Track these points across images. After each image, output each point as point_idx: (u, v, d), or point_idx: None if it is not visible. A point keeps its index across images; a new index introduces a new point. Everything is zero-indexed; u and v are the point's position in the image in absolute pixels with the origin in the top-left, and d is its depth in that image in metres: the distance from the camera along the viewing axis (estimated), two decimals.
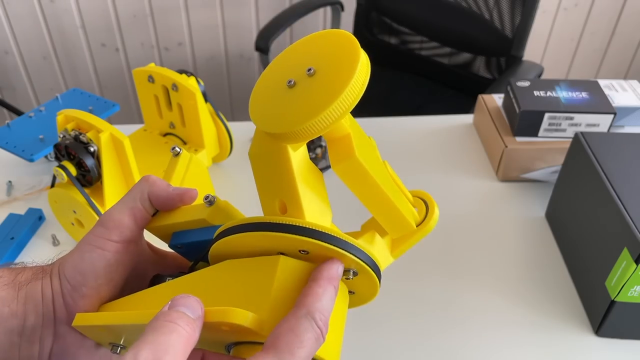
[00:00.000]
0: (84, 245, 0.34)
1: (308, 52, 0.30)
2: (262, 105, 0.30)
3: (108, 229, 0.34)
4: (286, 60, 0.31)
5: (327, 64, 0.29)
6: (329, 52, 0.29)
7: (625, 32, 1.94)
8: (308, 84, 0.29)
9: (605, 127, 0.81)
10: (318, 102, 0.28)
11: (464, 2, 1.41)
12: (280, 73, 0.30)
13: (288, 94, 0.29)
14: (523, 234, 0.76)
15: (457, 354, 0.62)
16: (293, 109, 0.28)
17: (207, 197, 0.35)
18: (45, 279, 0.34)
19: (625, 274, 0.56)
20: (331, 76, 0.28)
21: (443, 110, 1.07)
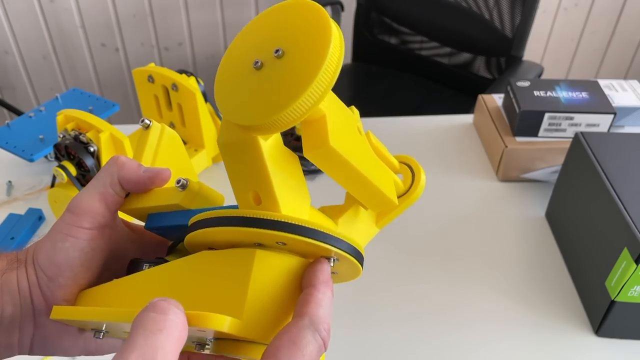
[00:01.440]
0: (55, 233, 0.33)
1: (274, 27, 0.27)
2: (227, 90, 0.28)
3: (78, 215, 0.33)
4: (251, 36, 0.28)
5: (295, 43, 0.26)
6: (296, 27, 0.26)
7: (625, 32, 1.94)
8: (276, 67, 0.26)
9: (605, 127, 0.81)
10: (290, 90, 0.25)
11: (464, 2, 1.41)
12: (245, 51, 0.28)
13: (255, 77, 0.27)
14: (523, 234, 0.76)
15: (456, 354, 0.62)
16: (262, 97, 0.26)
17: (179, 180, 0.33)
18: (20, 268, 0.33)
19: (625, 274, 0.56)
20: (302, 58, 0.26)
21: (443, 110, 1.07)
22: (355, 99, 1.57)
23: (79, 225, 0.32)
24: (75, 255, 0.32)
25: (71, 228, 0.32)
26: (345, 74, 1.64)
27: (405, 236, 0.75)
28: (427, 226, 0.77)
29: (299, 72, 0.25)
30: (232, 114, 0.27)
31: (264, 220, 0.27)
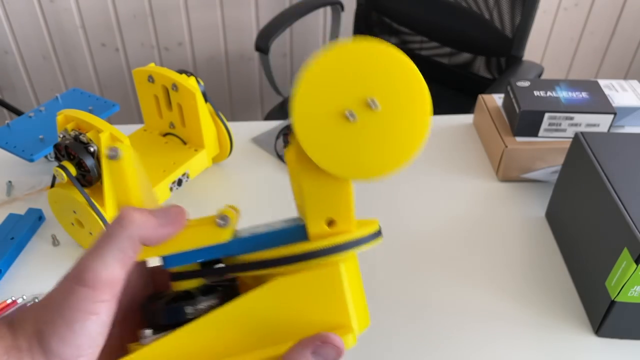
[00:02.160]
0: (71, 313, 0.28)
1: (356, 72, 0.27)
2: (319, 138, 0.28)
3: (98, 289, 0.28)
4: (330, 81, 0.27)
5: (389, 95, 0.27)
6: (384, 76, 0.27)
7: (625, 31, 1.94)
8: (374, 120, 0.27)
9: (606, 127, 0.81)
10: (393, 151, 0.28)
11: (464, 2, 1.41)
12: (329, 96, 0.27)
13: (350, 128, 0.27)
14: (523, 234, 0.76)
15: (456, 354, 0.62)
16: (369, 151, 0.27)
17: (222, 217, 0.31)
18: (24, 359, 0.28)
19: (626, 274, 0.56)
20: (401, 112, 0.27)
21: (443, 110, 1.07)
22: None
23: (100, 300, 0.29)
24: (97, 331, 0.29)
25: (92, 305, 0.28)
26: None
27: (405, 236, 0.75)
28: (426, 226, 0.77)
29: (403, 127, 0.27)
30: (337, 167, 0.28)
31: (352, 242, 0.30)
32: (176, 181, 0.76)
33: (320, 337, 0.29)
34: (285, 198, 0.41)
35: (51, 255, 0.73)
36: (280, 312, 0.30)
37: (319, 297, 0.30)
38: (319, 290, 0.29)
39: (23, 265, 0.71)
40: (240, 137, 0.90)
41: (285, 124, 0.97)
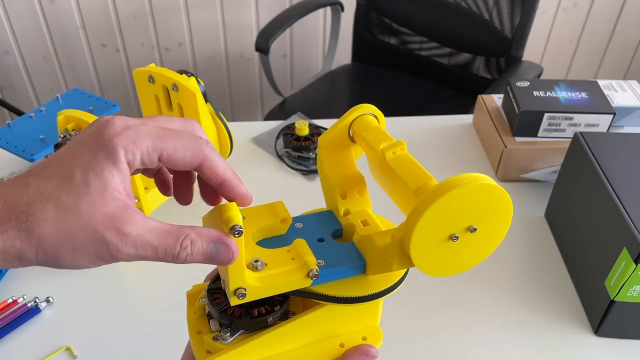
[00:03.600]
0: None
1: (466, 207, 0.32)
2: (426, 254, 0.34)
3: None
4: (445, 214, 0.32)
5: (487, 219, 0.33)
6: (487, 207, 0.33)
7: (624, 32, 1.94)
8: (469, 239, 0.33)
9: (605, 127, 0.81)
10: (478, 255, 0.35)
11: (464, 2, 1.42)
12: (441, 226, 0.33)
13: (452, 246, 0.33)
14: (523, 234, 0.76)
15: (456, 353, 0.62)
16: (462, 258, 0.34)
17: (311, 272, 0.35)
18: (10, 231, 0.29)
19: (625, 273, 0.56)
20: (490, 233, 0.34)
21: (443, 110, 1.07)
22: (355, 99, 1.57)
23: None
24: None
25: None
26: (345, 74, 1.64)
27: None
28: None
29: (486, 242, 0.34)
30: (434, 272, 0.35)
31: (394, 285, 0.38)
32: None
33: (364, 351, 0.38)
34: (286, 198, 0.41)
35: None
36: (333, 321, 0.39)
37: (362, 312, 0.40)
38: (362, 309, 0.39)
39: None
40: (240, 137, 0.90)
41: (286, 124, 0.97)
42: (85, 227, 0.29)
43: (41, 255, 0.29)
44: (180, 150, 0.32)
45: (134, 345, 0.63)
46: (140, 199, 0.70)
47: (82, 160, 0.30)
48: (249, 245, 0.37)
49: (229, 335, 0.36)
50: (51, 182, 0.29)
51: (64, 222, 0.29)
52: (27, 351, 0.62)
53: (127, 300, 0.68)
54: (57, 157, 0.31)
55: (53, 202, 0.29)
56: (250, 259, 0.36)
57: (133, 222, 0.30)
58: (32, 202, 0.29)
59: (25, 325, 0.64)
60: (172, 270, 0.70)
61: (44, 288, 0.68)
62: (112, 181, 0.30)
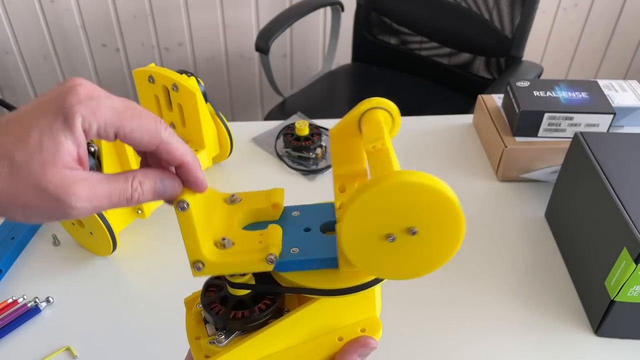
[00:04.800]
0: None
1: (400, 206, 0.31)
2: (362, 251, 0.33)
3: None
4: (377, 211, 0.31)
5: (428, 223, 0.31)
6: (426, 209, 0.31)
7: (624, 32, 1.94)
8: (410, 243, 0.32)
9: (605, 127, 0.81)
10: (427, 262, 0.33)
11: (464, 2, 1.42)
12: (374, 223, 0.32)
13: (389, 247, 0.32)
14: (523, 234, 0.76)
15: (456, 354, 0.62)
16: (403, 262, 0.33)
17: (270, 256, 0.35)
18: None
19: (625, 273, 0.56)
20: (437, 240, 0.32)
21: (443, 110, 1.07)
22: (355, 99, 1.57)
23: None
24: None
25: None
26: (345, 74, 1.64)
27: None
28: None
29: (435, 251, 0.32)
30: (375, 272, 0.35)
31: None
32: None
33: (362, 343, 0.38)
34: (286, 198, 0.41)
35: (52, 255, 0.73)
36: (328, 315, 0.38)
37: (357, 304, 0.39)
38: (357, 301, 0.38)
39: (24, 265, 0.71)
40: (240, 137, 0.90)
41: (286, 124, 0.97)
42: (36, 186, 0.31)
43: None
44: (137, 131, 0.33)
45: (134, 346, 0.63)
46: None
47: (40, 122, 0.31)
48: (229, 225, 0.38)
49: (224, 338, 0.37)
50: (8, 139, 0.31)
51: (16, 180, 0.30)
52: (27, 351, 0.62)
53: (127, 301, 0.68)
54: (18, 115, 0.32)
55: (7, 160, 0.30)
56: (219, 237, 0.36)
57: (84, 179, 0.32)
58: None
59: (25, 325, 0.64)
60: (172, 270, 0.70)
61: (44, 288, 0.68)
62: (66, 145, 0.31)
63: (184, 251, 0.36)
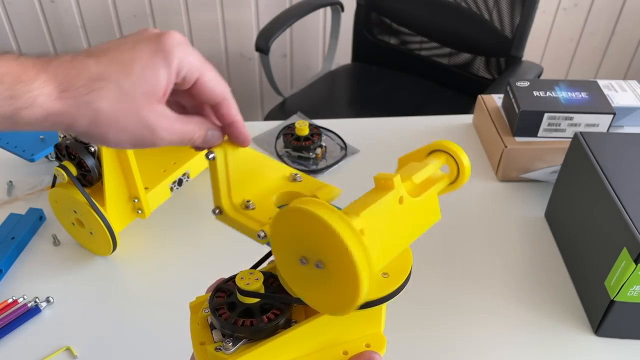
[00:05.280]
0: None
1: (304, 234, 0.31)
2: (288, 270, 0.34)
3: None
4: (288, 233, 0.32)
5: (325, 256, 0.30)
6: (314, 237, 0.30)
7: (624, 32, 1.94)
8: (321, 276, 0.32)
9: (605, 127, 0.81)
10: (343, 298, 0.31)
11: (464, 2, 1.42)
12: (289, 244, 0.33)
13: (305, 270, 0.32)
14: (523, 234, 0.76)
15: (456, 354, 0.62)
16: (320, 292, 0.32)
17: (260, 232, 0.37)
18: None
19: (625, 273, 0.56)
20: (339, 272, 0.30)
21: (443, 110, 1.07)
22: (355, 99, 1.57)
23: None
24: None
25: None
26: (345, 75, 1.64)
27: None
28: None
29: (342, 285, 0.30)
30: (302, 296, 0.34)
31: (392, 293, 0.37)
32: (176, 181, 0.76)
33: (367, 358, 0.38)
34: None
35: (52, 255, 0.73)
36: (335, 329, 0.38)
37: (364, 319, 0.39)
38: (364, 316, 0.38)
39: (24, 264, 0.71)
40: None
41: (286, 124, 0.97)
42: (137, 112, 0.35)
43: (92, 127, 0.34)
44: (214, 81, 0.38)
45: (134, 346, 0.63)
46: (140, 199, 0.70)
47: (142, 55, 0.35)
48: (267, 195, 0.40)
49: (232, 345, 0.36)
50: (112, 67, 0.34)
51: (121, 104, 0.34)
52: (27, 351, 0.62)
53: (127, 301, 0.68)
54: (115, 47, 0.35)
55: (114, 85, 0.34)
56: (247, 199, 0.39)
57: (168, 116, 0.37)
58: (94, 79, 0.34)
59: (25, 325, 0.64)
60: (172, 270, 0.71)
61: (44, 288, 0.68)
62: (163, 80, 0.35)
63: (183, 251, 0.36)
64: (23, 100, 0.32)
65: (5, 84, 0.32)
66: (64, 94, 0.33)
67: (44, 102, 0.33)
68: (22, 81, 0.32)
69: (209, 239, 0.74)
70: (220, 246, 0.72)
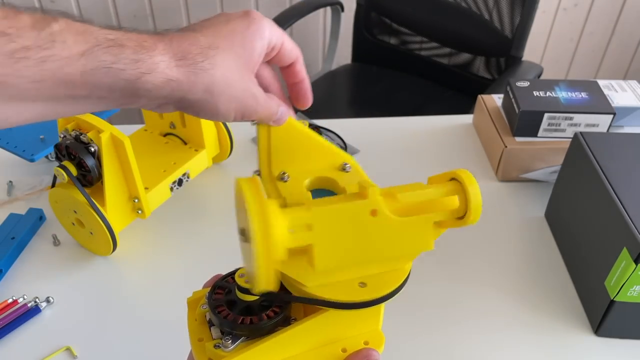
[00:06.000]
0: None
1: (240, 210, 0.33)
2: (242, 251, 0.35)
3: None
4: (238, 212, 0.34)
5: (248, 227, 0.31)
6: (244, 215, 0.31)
7: (624, 32, 1.94)
8: (248, 249, 0.32)
9: (605, 127, 0.81)
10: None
11: (464, 2, 1.42)
12: (239, 226, 0.34)
13: (244, 246, 0.33)
14: (523, 234, 0.76)
15: (456, 354, 0.62)
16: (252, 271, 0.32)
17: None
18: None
19: (625, 273, 0.56)
20: (251, 247, 0.31)
21: (443, 110, 1.07)
22: (355, 99, 1.57)
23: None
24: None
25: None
26: (345, 75, 1.64)
27: None
28: None
29: (254, 262, 0.30)
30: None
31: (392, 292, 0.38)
32: (177, 181, 0.76)
33: (365, 355, 0.38)
34: None
35: (52, 255, 0.73)
36: (335, 327, 0.38)
37: (363, 317, 0.39)
38: (364, 314, 0.38)
39: (24, 265, 0.71)
40: (240, 137, 0.90)
41: None
42: (243, 81, 0.37)
43: (207, 95, 0.36)
44: (291, 43, 0.41)
45: (134, 346, 0.63)
46: (140, 199, 0.70)
47: (238, 28, 0.37)
48: (303, 176, 0.41)
49: (231, 343, 0.36)
50: (218, 39, 0.36)
51: (230, 72, 0.36)
52: (27, 351, 0.62)
53: (127, 301, 0.68)
54: (210, 23, 0.38)
55: (222, 52, 0.36)
56: (282, 171, 0.41)
57: (259, 86, 0.39)
58: (206, 48, 0.35)
59: (25, 325, 0.64)
60: (172, 270, 0.71)
61: (44, 288, 0.68)
62: (258, 50, 0.38)
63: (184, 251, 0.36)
64: (147, 65, 0.33)
65: (131, 48, 0.33)
66: (181, 62, 0.34)
67: (165, 68, 0.34)
68: (145, 47, 0.33)
69: (209, 239, 0.74)
70: (220, 246, 0.72)
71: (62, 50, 0.30)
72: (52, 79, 0.30)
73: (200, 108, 0.36)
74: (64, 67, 0.30)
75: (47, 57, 0.29)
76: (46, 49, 0.29)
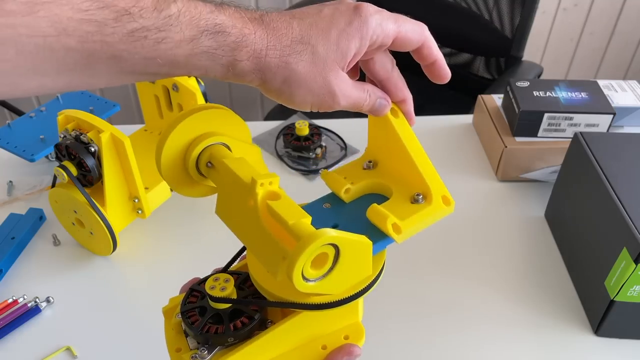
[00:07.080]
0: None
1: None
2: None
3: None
4: None
5: None
6: None
7: (624, 32, 1.94)
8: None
9: (605, 127, 0.81)
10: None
11: (464, 2, 1.42)
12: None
13: None
14: (522, 234, 0.76)
15: (456, 354, 0.62)
16: None
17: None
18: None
19: (625, 273, 0.56)
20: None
21: (443, 110, 1.07)
22: None
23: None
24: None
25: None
26: None
27: None
28: None
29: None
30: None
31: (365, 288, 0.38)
32: None
33: (347, 351, 0.38)
34: None
35: (52, 255, 0.73)
36: (313, 325, 0.39)
37: (341, 312, 0.38)
38: (341, 309, 0.37)
39: (24, 264, 0.72)
40: None
41: (286, 124, 0.97)
42: (324, 77, 0.37)
43: (284, 86, 0.36)
44: (411, 31, 0.40)
45: (134, 346, 0.63)
46: (140, 199, 0.70)
47: (338, 24, 0.36)
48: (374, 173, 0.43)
49: (207, 353, 0.36)
50: (311, 31, 0.36)
51: (313, 67, 0.36)
52: (27, 351, 0.62)
53: (127, 300, 0.68)
54: (315, 12, 0.37)
55: (311, 48, 0.36)
56: (374, 160, 0.44)
57: (346, 81, 0.38)
58: (296, 42, 0.36)
59: (25, 325, 0.64)
60: (172, 270, 0.70)
61: (44, 288, 0.68)
62: (353, 50, 0.37)
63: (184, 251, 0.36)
64: (242, 53, 0.34)
65: (233, 36, 0.34)
66: (271, 52, 0.35)
67: (256, 56, 0.35)
68: (245, 34, 0.34)
69: (209, 239, 0.74)
70: (220, 246, 0.72)
71: (176, 33, 0.32)
72: (161, 57, 0.32)
73: (278, 95, 0.37)
74: (174, 48, 0.32)
75: (162, 39, 0.31)
76: (163, 30, 0.31)
